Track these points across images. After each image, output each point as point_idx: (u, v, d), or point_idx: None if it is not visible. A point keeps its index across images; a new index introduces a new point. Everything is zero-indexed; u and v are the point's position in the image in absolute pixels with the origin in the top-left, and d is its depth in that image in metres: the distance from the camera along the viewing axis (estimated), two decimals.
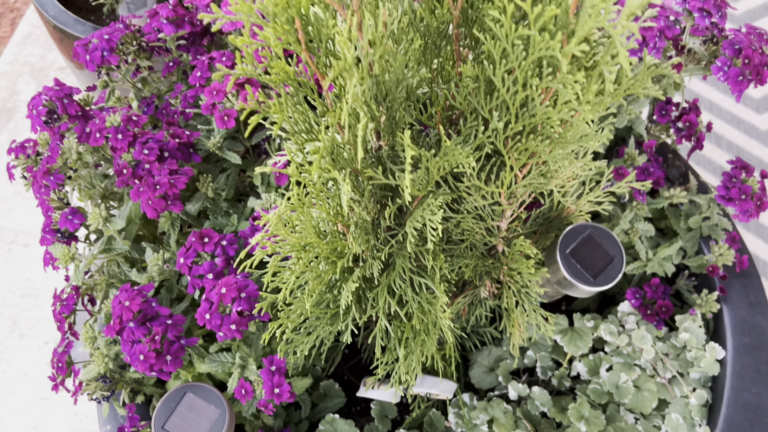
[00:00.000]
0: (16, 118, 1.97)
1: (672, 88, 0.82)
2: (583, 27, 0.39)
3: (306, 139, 0.50)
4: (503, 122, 0.50)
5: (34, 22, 2.23)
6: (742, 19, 2.08)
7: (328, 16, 0.45)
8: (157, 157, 0.64)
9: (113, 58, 0.71)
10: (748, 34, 0.77)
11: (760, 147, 1.84)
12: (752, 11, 2.11)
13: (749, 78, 0.73)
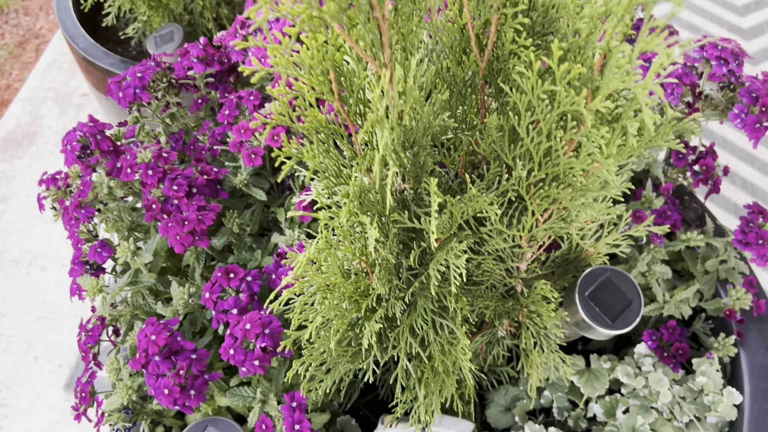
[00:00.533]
0: (38, 142, 2.01)
1: (689, 132, 0.83)
2: (608, 85, 0.40)
3: (335, 183, 0.51)
4: (526, 170, 0.51)
5: (59, 49, 2.29)
6: (759, 55, 2.09)
7: (359, 68, 0.47)
8: (186, 193, 0.66)
9: (145, 96, 0.73)
10: (764, 82, 0.78)
11: None
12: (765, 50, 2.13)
13: (766, 125, 0.74)
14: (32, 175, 1.93)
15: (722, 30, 2.18)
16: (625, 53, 0.38)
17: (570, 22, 0.46)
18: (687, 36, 2.16)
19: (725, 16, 2.21)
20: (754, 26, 2.19)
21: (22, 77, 2.46)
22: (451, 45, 0.51)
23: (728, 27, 2.18)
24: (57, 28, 2.60)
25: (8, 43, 2.58)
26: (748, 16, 2.23)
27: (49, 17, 2.68)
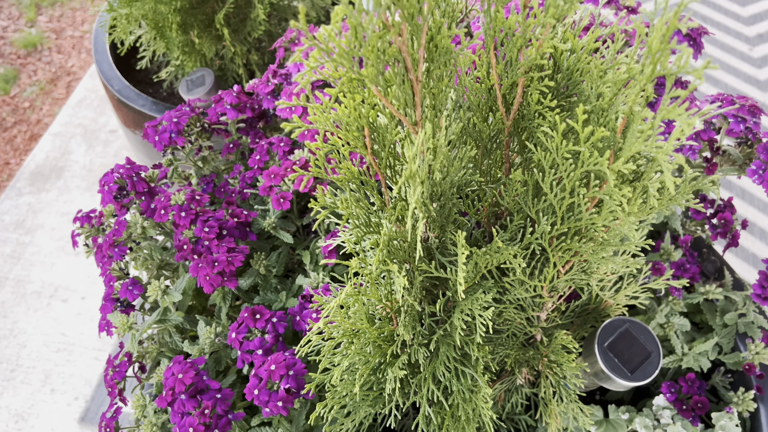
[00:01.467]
0: (65, 176, 2.07)
1: (707, 186, 0.84)
2: (630, 148, 0.42)
3: (365, 232, 0.53)
4: (549, 223, 0.53)
5: (90, 87, 2.37)
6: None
7: (392, 125, 0.50)
8: (217, 235, 0.68)
9: (180, 140, 0.77)
10: None
11: None
12: None
13: None
14: (58, 208, 1.97)
15: (740, 81, 2.20)
16: (648, 119, 0.41)
17: (593, 85, 0.48)
18: (705, 87, 2.19)
19: (743, 68, 2.24)
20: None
21: (52, 112, 2.54)
22: (478, 103, 0.53)
23: (745, 78, 2.21)
24: (88, 66, 2.69)
25: (40, 79, 2.66)
26: (765, 68, 2.26)
27: (81, 56, 2.77)
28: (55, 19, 2.95)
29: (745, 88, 2.18)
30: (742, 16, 2.40)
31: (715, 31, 2.34)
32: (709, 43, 2.31)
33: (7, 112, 2.54)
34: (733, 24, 2.36)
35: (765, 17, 2.40)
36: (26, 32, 2.86)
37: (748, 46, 2.32)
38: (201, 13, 1.14)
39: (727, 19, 2.38)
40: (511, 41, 0.47)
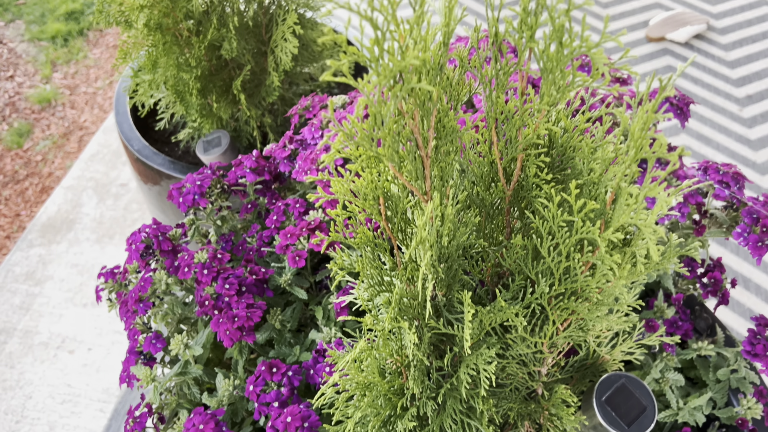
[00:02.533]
0: (76, 228, 2.12)
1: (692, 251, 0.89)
2: (618, 220, 0.47)
3: (378, 291, 0.58)
4: (547, 284, 0.57)
5: (102, 141, 2.45)
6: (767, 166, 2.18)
7: (404, 194, 0.55)
8: (237, 292, 0.73)
9: (203, 202, 0.82)
10: (765, 203, 0.85)
11: None
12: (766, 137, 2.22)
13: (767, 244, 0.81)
14: (68, 260, 2.02)
15: (731, 140, 2.28)
16: (633, 195, 0.46)
17: (585, 160, 0.54)
18: (697, 146, 2.26)
19: (733, 128, 2.33)
20: (762, 138, 2.29)
21: (63, 165, 2.61)
22: (481, 174, 0.59)
23: (736, 138, 2.29)
24: (100, 121, 2.79)
25: (53, 133, 2.75)
26: (755, 128, 2.34)
27: (93, 111, 2.87)
28: (69, 75, 3.06)
29: (736, 147, 2.25)
30: (732, 78, 2.50)
31: (705, 93, 2.44)
32: (699, 104, 2.40)
33: (20, 165, 2.62)
34: (723, 85, 2.46)
35: (753, 79, 2.50)
36: (41, 88, 2.97)
37: (737, 106, 2.41)
38: (219, 79, 1.21)
39: (716, 81, 2.48)
40: (510, 122, 0.53)
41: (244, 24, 1.15)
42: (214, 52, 1.17)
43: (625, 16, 2.77)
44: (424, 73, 0.46)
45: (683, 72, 2.46)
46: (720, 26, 2.72)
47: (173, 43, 1.13)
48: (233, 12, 1.13)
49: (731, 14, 2.77)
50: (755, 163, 2.21)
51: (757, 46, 2.63)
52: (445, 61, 0.48)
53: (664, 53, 2.60)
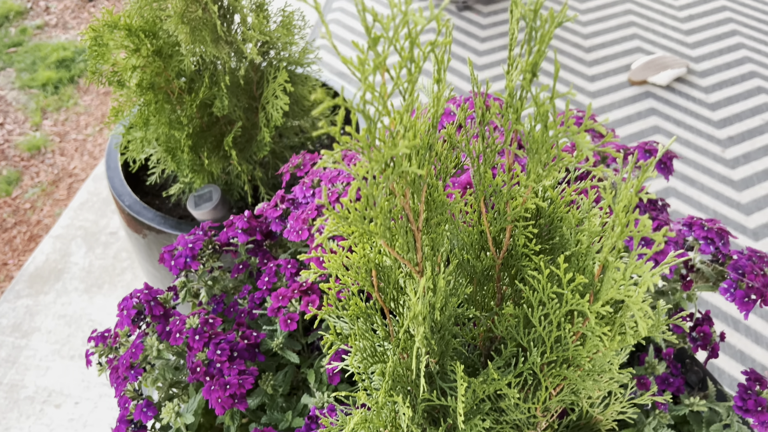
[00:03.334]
0: (64, 278, 2.10)
1: (685, 301, 0.90)
2: (606, 294, 0.48)
3: (371, 362, 0.58)
4: (539, 352, 0.58)
5: (92, 189, 2.45)
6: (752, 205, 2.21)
7: (395, 266, 0.56)
8: (228, 357, 0.73)
9: (194, 264, 0.82)
10: (749, 257, 0.87)
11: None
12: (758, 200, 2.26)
13: (754, 299, 0.82)
14: (55, 311, 2.00)
15: (714, 181, 2.32)
16: (620, 270, 0.47)
17: (572, 231, 0.55)
18: (682, 187, 2.29)
19: (717, 169, 2.37)
20: (745, 178, 2.34)
21: (52, 213, 2.60)
22: (471, 242, 0.60)
23: (720, 179, 2.33)
24: (90, 168, 2.79)
25: (42, 181, 2.75)
26: (738, 169, 2.39)
27: (83, 158, 2.87)
28: (59, 123, 3.07)
29: (720, 188, 2.29)
30: (713, 120, 2.55)
31: (688, 135, 2.49)
32: (683, 145, 2.44)
33: (8, 213, 2.60)
34: (705, 127, 2.52)
35: (734, 120, 2.56)
36: (31, 136, 2.97)
37: (720, 147, 2.45)
38: (210, 135, 1.23)
39: (698, 123, 2.53)
40: (498, 195, 0.54)
41: (236, 82, 1.18)
42: (206, 109, 1.18)
43: (608, 60, 2.84)
44: (414, 154, 0.47)
45: (666, 114, 2.50)
46: (700, 69, 2.79)
47: (165, 101, 1.14)
48: (225, 71, 1.15)
49: (710, 58, 2.85)
50: (739, 203, 2.25)
51: (736, 88, 2.70)
52: (434, 141, 0.49)
53: (647, 96, 2.65)
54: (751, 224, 2.18)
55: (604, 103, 2.63)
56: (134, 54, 1.07)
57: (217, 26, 1.08)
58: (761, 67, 2.79)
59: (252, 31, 1.10)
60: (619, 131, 2.51)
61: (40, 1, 3.76)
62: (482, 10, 3.10)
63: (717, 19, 3.06)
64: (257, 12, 1.15)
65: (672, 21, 3.05)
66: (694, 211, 2.20)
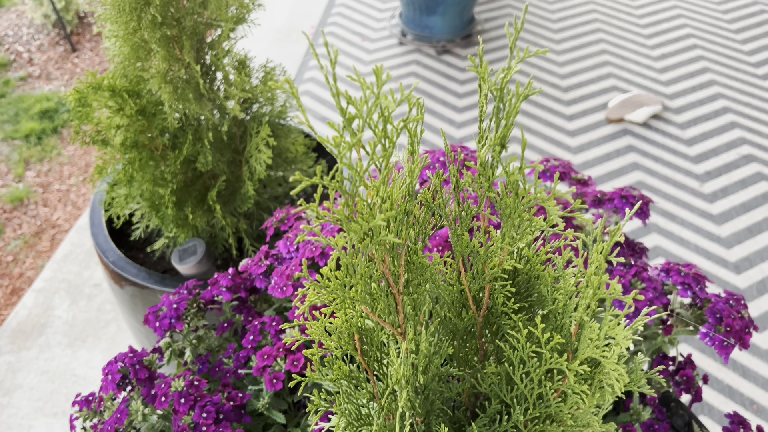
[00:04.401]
0: (47, 332, 2.08)
1: (667, 345, 0.92)
2: (584, 353, 0.49)
3: (356, 427, 0.59)
4: (522, 409, 0.58)
5: (75, 241, 2.44)
6: (732, 238, 2.24)
7: (378, 328, 0.56)
8: (214, 420, 0.72)
9: (179, 325, 0.82)
10: (726, 300, 0.88)
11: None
12: (738, 234, 2.29)
13: (733, 343, 0.83)
14: (38, 367, 1.96)
15: (694, 216, 2.36)
16: (594, 330, 0.48)
17: (548, 289, 0.56)
18: (663, 222, 2.32)
19: (696, 203, 2.40)
20: (723, 212, 2.38)
21: (35, 266, 2.58)
22: (452, 301, 0.61)
23: (699, 213, 2.37)
24: (73, 219, 2.78)
25: (25, 233, 2.73)
26: (717, 203, 2.43)
27: (66, 208, 2.86)
28: (42, 173, 3.07)
29: (700, 222, 2.33)
30: (690, 155, 2.61)
31: (666, 170, 2.54)
32: (662, 181, 2.49)
33: None
34: (682, 163, 2.57)
35: (710, 155, 2.62)
36: (14, 187, 2.96)
37: (698, 182, 2.50)
38: (194, 190, 1.24)
39: (676, 159, 2.59)
40: (475, 256, 0.55)
41: (219, 137, 1.19)
42: (190, 165, 1.20)
43: (585, 99, 2.90)
44: (392, 220, 0.49)
45: (644, 151, 2.55)
46: (674, 106, 2.86)
47: (149, 158, 1.16)
48: (208, 127, 1.17)
49: (684, 95, 2.93)
50: (720, 237, 2.28)
51: (711, 124, 2.77)
52: (411, 208, 0.51)
53: (624, 134, 2.71)
54: (732, 257, 2.21)
55: (582, 142, 2.68)
56: (118, 113, 1.09)
57: (200, 85, 1.10)
58: (733, 102, 2.87)
59: (234, 89, 1.12)
60: (599, 169, 2.55)
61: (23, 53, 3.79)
62: (460, 53, 3.18)
63: (689, 57, 3.16)
64: (239, 69, 1.18)
65: (646, 60, 3.14)
66: (676, 246, 2.23)
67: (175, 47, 1.08)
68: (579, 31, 3.36)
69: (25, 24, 3.90)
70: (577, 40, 3.29)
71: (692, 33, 3.33)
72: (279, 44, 3.31)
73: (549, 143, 2.65)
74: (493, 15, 3.47)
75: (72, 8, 3.67)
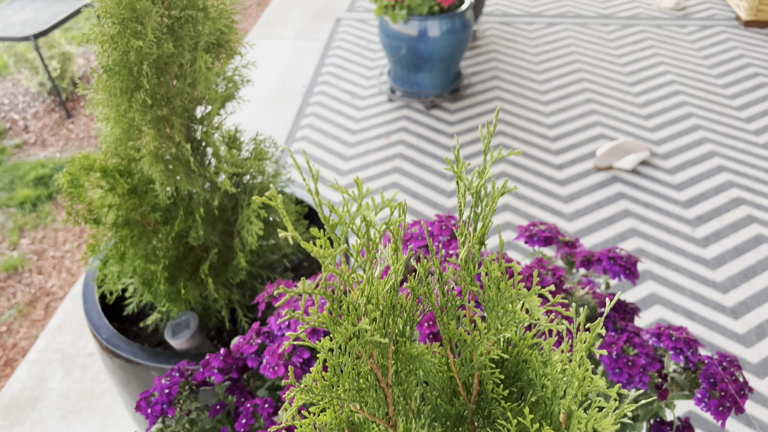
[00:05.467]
0: (40, 406, 2.04)
1: (664, 409, 0.91)
2: None
3: None
4: None
5: (69, 310, 2.42)
6: (727, 283, 2.24)
7: (368, 422, 0.56)
8: None
9: (171, 411, 0.82)
10: (720, 362, 0.88)
11: None
12: (733, 278, 2.30)
13: (729, 407, 0.83)
14: None
15: (688, 261, 2.36)
16: (582, 420, 0.48)
17: (537, 374, 0.57)
18: (656, 268, 2.33)
19: (689, 248, 2.41)
20: (717, 257, 2.39)
21: (29, 335, 2.55)
22: (442, 387, 0.61)
23: (693, 258, 2.37)
24: (68, 286, 2.77)
25: (19, 301, 2.71)
26: (709, 248, 2.44)
27: (61, 275, 2.85)
28: (37, 240, 3.07)
29: (695, 268, 2.33)
30: (680, 200, 2.63)
31: (658, 216, 2.56)
32: (654, 227, 2.50)
33: None
34: (673, 208, 2.59)
35: (700, 200, 2.64)
36: (8, 255, 2.96)
37: (690, 227, 2.52)
38: (186, 263, 1.24)
39: (666, 204, 2.61)
40: (463, 345, 0.56)
41: (210, 211, 1.20)
42: (182, 239, 1.21)
43: (573, 148, 2.95)
44: (378, 317, 0.49)
45: (635, 197, 2.57)
46: (662, 152, 2.91)
47: (141, 234, 1.16)
48: (199, 202, 1.18)
49: (670, 140, 2.97)
50: (715, 282, 2.29)
51: (698, 168, 2.80)
52: (396, 302, 0.52)
53: (614, 181, 2.74)
54: (729, 302, 2.21)
55: (573, 191, 2.71)
56: (110, 193, 1.11)
57: (190, 162, 1.12)
58: (719, 146, 2.92)
59: (225, 165, 1.14)
60: (591, 217, 2.57)
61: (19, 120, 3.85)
62: (449, 107, 3.24)
63: (673, 103, 3.22)
64: (229, 145, 1.20)
65: (631, 107, 3.21)
66: (672, 293, 2.23)
67: (165, 126, 1.10)
68: (564, 81, 3.44)
69: (20, 92, 3.97)
70: (563, 90, 3.36)
71: (674, 79, 3.41)
72: (270, 105, 3.37)
73: (540, 193, 2.68)
74: (479, 69, 3.55)
75: (67, 75, 3.74)
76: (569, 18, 4.14)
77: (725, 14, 4.09)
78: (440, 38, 2.93)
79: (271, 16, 4.33)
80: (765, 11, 3.74)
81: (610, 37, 3.88)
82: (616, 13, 4.20)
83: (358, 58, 3.74)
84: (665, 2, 4.16)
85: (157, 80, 1.07)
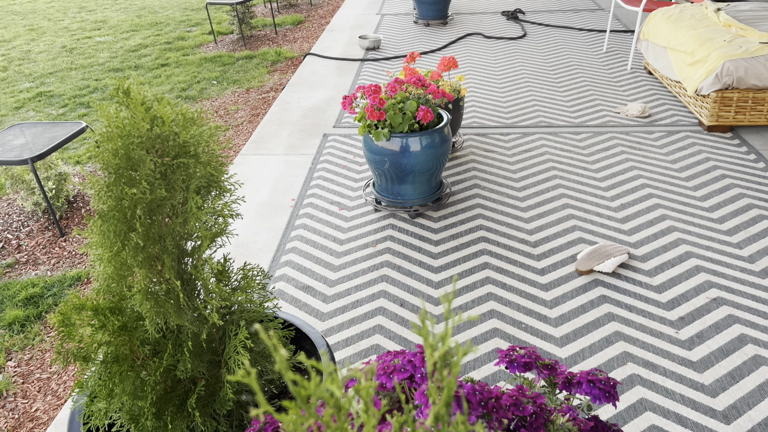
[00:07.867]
0: None
1: None
2: None
3: None
4: None
5: None
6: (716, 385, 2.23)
7: None
8: None
9: None
10: None
11: None
12: (721, 380, 2.30)
13: None
14: None
15: (675, 364, 2.38)
16: None
17: None
18: (646, 373, 2.33)
19: (674, 351, 2.43)
20: (703, 359, 2.41)
21: None
22: None
23: (680, 361, 2.39)
24: (52, 410, 2.72)
25: (2, 428, 2.65)
26: (695, 349, 2.46)
27: (47, 398, 2.81)
28: (24, 362, 3.04)
29: (682, 371, 2.34)
30: (662, 302, 2.68)
31: (641, 319, 2.60)
32: (638, 330, 2.54)
33: None
34: (656, 310, 2.64)
35: (681, 301, 2.69)
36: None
37: (673, 329, 2.55)
38: (174, 396, 1.26)
39: (648, 306, 2.66)
40: None
41: (199, 343, 1.24)
42: (170, 373, 1.23)
43: (554, 252, 3.03)
44: None
45: (617, 300, 2.61)
46: (640, 254, 2.99)
47: (129, 368, 1.19)
48: (188, 335, 1.22)
49: (647, 242, 3.07)
50: (703, 385, 2.29)
51: (677, 269, 2.88)
52: None
53: (596, 284, 2.80)
54: (719, 406, 2.21)
55: (556, 295, 2.76)
56: (100, 330, 1.14)
57: (180, 298, 1.17)
58: (694, 247, 3.01)
59: (213, 298, 1.19)
60: (576, 322, 2.60)
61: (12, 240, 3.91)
62: (432, 216, 3.34)
63: (647, 205, 3.35)
64: (218, 277, 1.26)
65: (607, 211, 3.33)
66: (661, 398, 2.23)
67: (156, 263, 1.16)
68: (542, 187, 3.58)
69: (15, 212, 4.06)
70: (541, 196, 3.49)
71: (646, 183, 3.56)
72: (261, 218, 3.46)
73: (524, 298, 2.72)
74: (460, 178, 3.70)
75: (62, 195, 3.85)
76: (542, 128, 4.37)
77: (689, 120, 4.34)
78: (421, 153, 3.08)
79: (262, 133, 4.54)
80: (725, 117, 3.98)
81: (582, 144, 4.08)
82: (586, 122, 4.44)
83: (344, 171, 3.89)
84: (632, 110, 4.42)
85: (149, 221, 1.14)
